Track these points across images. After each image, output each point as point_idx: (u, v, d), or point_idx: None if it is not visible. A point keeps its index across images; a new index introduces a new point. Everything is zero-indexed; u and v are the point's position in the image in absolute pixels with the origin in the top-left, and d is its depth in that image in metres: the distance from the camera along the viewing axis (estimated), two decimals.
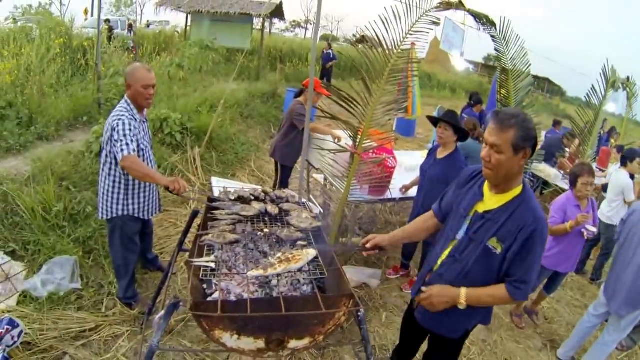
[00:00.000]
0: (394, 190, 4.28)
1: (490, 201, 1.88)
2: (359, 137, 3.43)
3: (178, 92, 7.44)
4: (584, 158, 5.78)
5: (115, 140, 2.59)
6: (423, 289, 2.01)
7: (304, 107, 4.53)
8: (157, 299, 2.98)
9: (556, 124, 10.19)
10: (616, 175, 4.92)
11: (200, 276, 1.89)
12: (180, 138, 5.96)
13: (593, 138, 5.87)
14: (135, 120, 2.73)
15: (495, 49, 4.81)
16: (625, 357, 3.82)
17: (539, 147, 5.16)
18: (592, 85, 5.58)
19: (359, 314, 1.88)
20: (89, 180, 4.26)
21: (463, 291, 1.88)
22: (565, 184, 5.71)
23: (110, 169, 2.78)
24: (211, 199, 2.61)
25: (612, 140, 9.61)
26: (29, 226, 3.48)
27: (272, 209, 2.51)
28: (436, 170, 3.56)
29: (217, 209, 2.45)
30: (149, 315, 3.00)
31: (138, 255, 3.14)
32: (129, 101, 2.77)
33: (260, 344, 1.73)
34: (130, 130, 2.62)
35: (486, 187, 1.93)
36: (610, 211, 4.84)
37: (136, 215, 2.93)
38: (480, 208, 1.90)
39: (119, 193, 2.83)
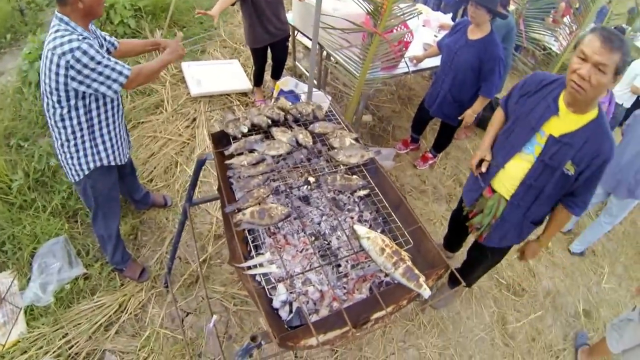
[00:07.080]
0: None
1: (566, 120, 1.82)
2: (382, 13, 2.74)
3: None
4: None
5: (98, 73, 1.83)
6: (522, 260, 2.40)
7: None
8: (174, 257, 2.62)
9: None
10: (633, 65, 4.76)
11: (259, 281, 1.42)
12: (135, 24, 4.73)
13: None
14: (90, 38, 1.89)
15: None
16: None
17: None
18: None
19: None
20: (39, 124, 3.39)
21: (543, 242, 2.22)
22: None
23: (62, 116, 1.97)
24: (218, 138, 1.92)
25: None
26: None
27: (305, 139, 1.88)
28: (468, 54, 3.08)
29: (231, 155, 1.81)
30: (169, 274, 2.69)
31: (119, 212, 2.54)
32: (69, 20, 1.84)
33: (346, 328, 1.46)
34: (98, 52, 1.82)
35: (562, 101, 1.82)
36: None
37: (112, 163, 2.25)
38: (555, 129, 1.84)
39: (83, 142, 2.09)
